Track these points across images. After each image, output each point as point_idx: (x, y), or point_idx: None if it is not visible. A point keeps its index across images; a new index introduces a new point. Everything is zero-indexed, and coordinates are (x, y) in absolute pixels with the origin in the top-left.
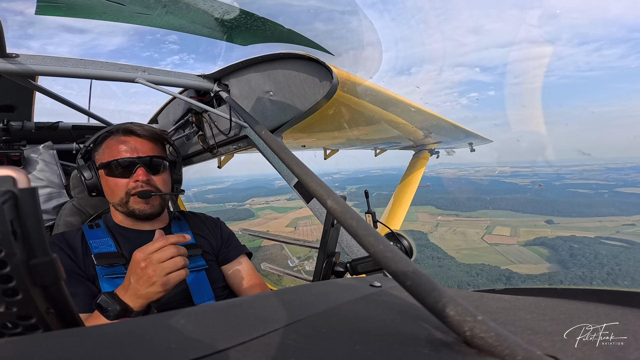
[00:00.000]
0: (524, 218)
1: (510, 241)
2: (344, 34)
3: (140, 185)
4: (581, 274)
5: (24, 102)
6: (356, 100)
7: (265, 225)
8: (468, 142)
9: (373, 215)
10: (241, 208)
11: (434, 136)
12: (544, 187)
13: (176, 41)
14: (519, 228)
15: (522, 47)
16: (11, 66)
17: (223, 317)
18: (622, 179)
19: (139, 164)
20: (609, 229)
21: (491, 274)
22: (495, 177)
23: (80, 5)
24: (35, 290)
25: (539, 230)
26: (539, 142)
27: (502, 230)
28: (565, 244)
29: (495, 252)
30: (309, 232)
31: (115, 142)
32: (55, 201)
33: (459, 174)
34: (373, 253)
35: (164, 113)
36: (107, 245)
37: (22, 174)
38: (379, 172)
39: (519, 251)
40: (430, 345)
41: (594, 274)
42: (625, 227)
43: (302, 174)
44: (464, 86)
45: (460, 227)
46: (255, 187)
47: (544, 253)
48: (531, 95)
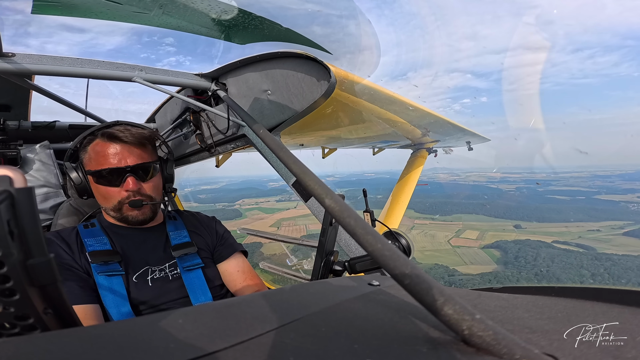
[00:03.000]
0: (495, 222)
1: (472, 244)
2: (342, 34)
3: (132, 195)
4: (510, 274)
5: (21, 101)
6: (354, 99)
7: (251, 225)
8: (466, 140)
9: (371, 214)
10: (230, 208)
11: (432, 135)
12: (526, 193)
13: (173, 43)
14: (487, 232)
15: (516, 53)
16: (7, 65)
17: (221, 316)
18: (605, 186)
19: (128, 173)
20: (572, 234)
21: (438, 272)
22: (482, 182)
23: (79, 4)
24: (32, 291)
25: (503, 234)
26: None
27: (470, 234)
28: (516, 247)
29: (454, 254)
30: (291, 232)
31: (101, 148)
32: (52, 201)
33: (449, 179)
34: (371, 252)
35: (161, 112)
36: (102, 243)
37: (19, 173)
38: (373, 175)
39: (475, 253)
40: (428, 344)
41: (521, 274)
42: (590, 233)
43: (301, 173)
44: (458, 92)
45: (433, 230)
46: (247, 188)
47: (495, 255)
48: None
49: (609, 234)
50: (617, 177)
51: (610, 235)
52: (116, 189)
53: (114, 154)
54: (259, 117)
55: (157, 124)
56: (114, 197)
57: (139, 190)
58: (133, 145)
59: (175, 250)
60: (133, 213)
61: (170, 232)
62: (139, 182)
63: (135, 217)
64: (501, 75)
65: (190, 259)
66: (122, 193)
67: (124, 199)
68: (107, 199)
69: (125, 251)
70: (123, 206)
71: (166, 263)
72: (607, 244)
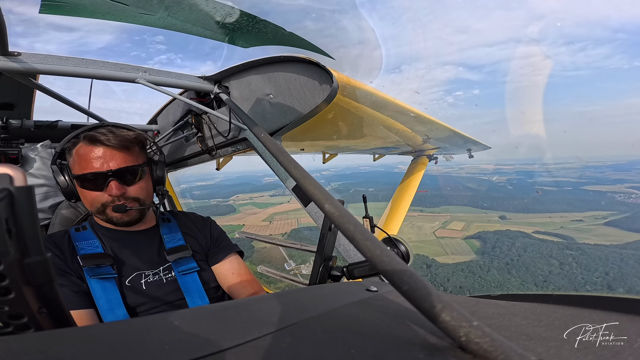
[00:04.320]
0: (481, 214)
1: (456, 235)
2: (345, 39)
3: (116, 199)
4: (482, 263)
5: (24, 100)
6: (356, 105)
7: (243, 220)
8: (467, 148)
9: (370, 220)
10: (224, 204)
11: (432, 142)
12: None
13: (163, 41)
14: (472, 223)
15: (508, 46)
16: (13, 64)
17: (217, 319)
18: (595, 176)
19: (111, 177)
20: (554, 224)
21: (416, 262)
22: (475, 174)
23: (83, 5)
24: (27, 290)
25: (488, 225)
26: (525, 140)
27: (455, 225)
28: (495, 237)
29: (437, 244)
30: (282, 226)
31: (84, 151)
32: (52, 200)
33: (443, 171)
34: (370, 257)
35: (163, 114)
36: (93, 246)
37: (19, 172)
38: (367, 168)
39: (456, 244)
40: (425, 350)
41: (492, 263)
42: (572, 223)
43: (301, 178)
44: (452, 84)
45: (420, 222)
46: (242, 184)
47: (475, 245)
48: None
49: (591, 224)
50: (608, 167)
51: (592, 226)
52: (99, 193)
53: (96, 157)
54: (261, 121)
55: (159, 126)
56: (98, 201)
57: (123, 195)
58: (115, 148)
59: (170, 254)
60: (118, 216)
61: (164, 235)
62: (122, 186)
63: (120, 219)
64: (494, 68)
65: (185, 263)
66: (105, 197)
67: (108, 202)
68: (91, 204)
69: (118, 255)
70: (107, 209)
71: (160, 267)
72: (588, 234)
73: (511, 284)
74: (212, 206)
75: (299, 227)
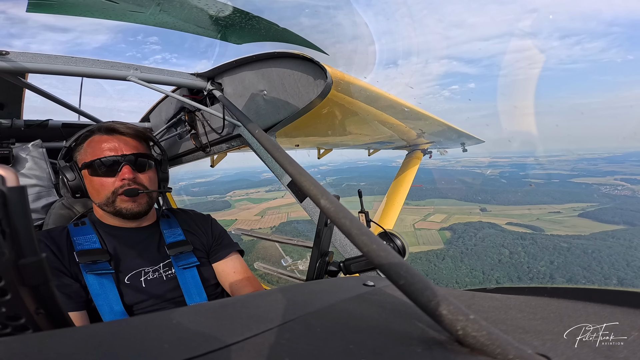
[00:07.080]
0: (464, 206)
1: (432, 227)
2: (339, 35)
3: (127, 184)
4: (445, 250)
5: (13, 99)
6: (350, 100)
7: (237, 214)
8: (460, 142)
9: (366, 215)
10: (221, 200)
11: (426, 136)
12: (505, 181)
13: (157, 41)
14: (453, 215)
15: (504, 40)
16: (1, 63)
17: (216, 316)
18: (586, 169)
19: (124, 162)
20: (531, 215)
21: None
22: (469, 167)
23: (67, 2)
24: (24, 290)
25: (467, 217)
26: (521, 133)
27: (436, 217)
28: (463, 228)
29: (413, 235)
30: (272, 220)
31: (98, 141)
32: (45, 200)
33: (438, 164)
34: (366, 252)
35: (156, 111)
36: (91, 242)
37: (11, 172)
38: (365, 162)
39: (430, 235)
40: (423, 344)
41: (451, 251)
42: (549, 215)
43: (296, 173)
44: (449, 78)
45: (404, 215)
46: (239, 180)
47: (445, 236)
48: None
49: (566, 216)
50: (603, 159)
51: (566, 217)
52: (111, 179)
53: (111, 144)
54: (255, 117)
55: (152, 124)
56: (108, 188)
57: (134, 179)
58: (130, 137)
59: (170, 248)
60: (128, 205)
61: (164, 230)
62: (134, 171)
63: (130, 210)
64: (491, 62)
65: (186, 258)
66: (117, 182)
67: (119, 189)
68: (100, 192)
69: (117, 252)
70: (117, 197)
71: (160, 263)
72: (559, 225)
73: (460, 271)
74: (209, 202)
75: (288, 220)
